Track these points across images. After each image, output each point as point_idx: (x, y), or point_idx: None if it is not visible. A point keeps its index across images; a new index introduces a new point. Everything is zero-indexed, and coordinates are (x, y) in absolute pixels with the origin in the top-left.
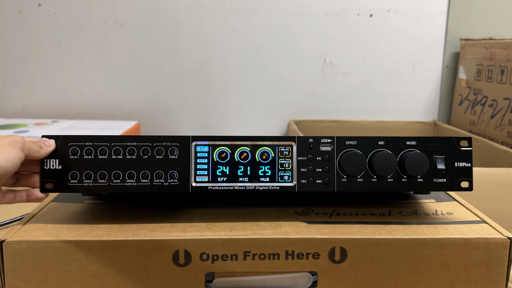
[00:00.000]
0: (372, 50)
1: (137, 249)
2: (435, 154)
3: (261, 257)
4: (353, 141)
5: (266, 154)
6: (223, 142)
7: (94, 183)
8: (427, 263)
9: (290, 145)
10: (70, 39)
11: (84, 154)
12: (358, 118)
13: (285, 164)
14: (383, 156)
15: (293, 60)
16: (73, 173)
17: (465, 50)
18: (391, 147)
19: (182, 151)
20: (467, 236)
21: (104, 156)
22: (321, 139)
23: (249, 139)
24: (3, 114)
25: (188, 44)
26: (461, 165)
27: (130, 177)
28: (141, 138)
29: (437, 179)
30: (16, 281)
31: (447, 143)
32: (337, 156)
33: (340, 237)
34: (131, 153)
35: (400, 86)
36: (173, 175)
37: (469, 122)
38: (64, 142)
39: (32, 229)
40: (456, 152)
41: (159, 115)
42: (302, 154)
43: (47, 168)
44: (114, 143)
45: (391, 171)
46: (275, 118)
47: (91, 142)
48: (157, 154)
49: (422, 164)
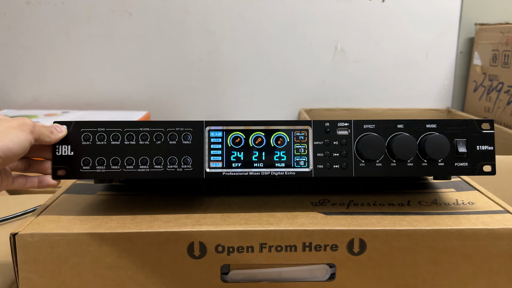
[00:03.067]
0: (384, 36)
1: (151, 241)
2: (456, 137)
3: (277, 249)
4: (371, 124)
5: (281, 139)
6: (237, 127)
7: (107, 169)
8: (448, 254)
9: (306, 129)
10: (79, 29)
11: (96, 140)
12: (370, 106)
13: (301, 149)
14: (403, 139)
15: (304, 48)
16: (86, 159)
17: (480, 35)
18: (410, 130)
19: (195, 136)
20: (491, 227)
21: (116, 142)
22: (338, 123)
23: (264, 124)
24: (13, 105)
25: (197, 32)
26: (483, 148)
27: (143, 163)
28: (154, 123)
29: (459, 163)
30: (30, 274)
31: (468, 126)
32: (354, 140)
33: (359, 229)
34: (144, 138)
35: (413, 72)
36: (187, 160)
37: (484, 109)
38: (76, 128)
39: (44, 222)
40: (477, 135)
41: (169, 105)
42: (319, 138)
43: (59, 155)
44: (126, 128)
45: (411, 155)
46: (285, 107)
47: (103, 128)
48: (170, 139)
49: (443, 147)
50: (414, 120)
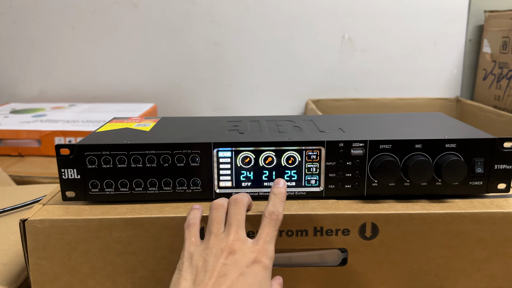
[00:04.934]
0: (392, 24)
1: (161, 227)
2: (474, 156)
3: (288, 233)
4: (387, 144)
5: (292, 158)
6: (246, 148)
7: (116, 191)
8: (462, 238)
9: (318, 149)
10: (84, 22)
11: (102, 164)
12: (378, 96)
13: (313, 169)
14: (419, 164)
15: (310, 37)
16: (93, 182)
17: (489, 23)
18: (428, 150)
19: (203, 158)
20: (506, 210)
21: (123, 165)
22: (353, 143)
23: (274, 145)
24: (21, 99)
25: (202, 23)
26: (501, 167)
27: (152, 185)
28: (161, 146)
29: (473, 182)
30: (40, 260)
31: (490, 145)
32: (369, 161)
33: (371, 213)
34: (151, 161)
35: (421, 61)
36: (196, 182)
37: (494, 97)
38: (79, 151)
39: (54, 208)
40: (498, 154)
41: (175, 97)
42: (332, 159)
43: (65, 178)
44: (132, 151)
45: (426, 179)
46: (292, 98)
47: (108, 151)
48: (178, 161)
49: (459, 172)
50: (433, 140)
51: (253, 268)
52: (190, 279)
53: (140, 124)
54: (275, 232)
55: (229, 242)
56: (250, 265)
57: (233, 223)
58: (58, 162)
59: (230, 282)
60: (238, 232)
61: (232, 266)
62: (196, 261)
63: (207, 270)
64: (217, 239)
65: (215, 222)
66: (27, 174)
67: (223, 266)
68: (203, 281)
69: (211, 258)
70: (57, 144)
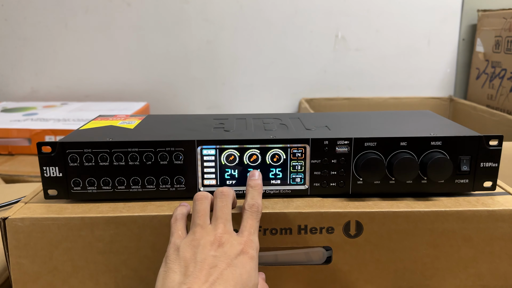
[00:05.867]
0: (385, 23)
1: (144, 225)
2: (460, 154)
3: (272, 232)
4: (372, 142)
5: (277, 156)
6: (231, 146)
7: (98, 189)
8: (448, 236)
9: (303, 147)
10: (77, 20)
11: (84, 161)
12: (372, 95)
13: (297, 166)
14: (404, 162)
15: (304, 36)
16: (75, 180)
17: (482, 22)
18: (413, 148)
19: (187, 155)
20: (491, 208)
21: (105, 163)
22: (338, 141)
23: (259, 142)
24: (12, 97)
25: (195, 22)
26: (487, 165)
27: (134, 183)
28: (143, 143)
29: (459, 180)
30: (21, 259)
31: (475, 142)
32: (354, 158)
33: (355, 211)
34: (133, 159)
35: (415, 60)
36: (180, 180)
37: (487, 97)
38: (61, 149)
39: (35, 207)
40: (483, 152)
41: (168, 95)
42: (316, 156)
43: (47, 176)
44: (114, 149)
45: (411, 177)
46: (286, 97)
47: (90, 148)
48: (161, 159)
49: (445, 170)
50: (418, 138)
51: (241, 259)
52: (179, 271)
53: (125, 122)
54: (257, 224)
55: (217, 235)
56: (238, 256)
57: (220, 216)
58: (40, 160)
59: (220, 272)
60: (226, 226)
61: (222, 258)
62: (183, 252)
63: (196, 261)
64: (204, 231)
65: (201, 214)
66: (17, 173)
67: (213, 258)
68: (193, 273)
69: (200, 250)
70: (38, 142)
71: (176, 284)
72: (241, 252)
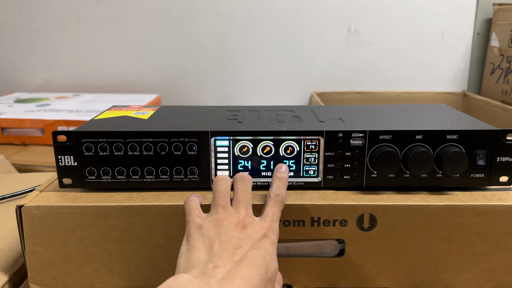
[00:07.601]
0: (399, 16)
1: (158, 215)
2: (476, 148)
3: (285, 223)
4: (388, 135)
5: (290, 148)
6: (244, 137)
7: (113, 179)
8: (462, 231)
9: (317, 139)
10: (89, 12)
11: (99, 151)
12: (384, 89)
13: (311, 159)
14: (419, 155)
15: (316, 29)
16: (90, 170)
17: (498, 16)
18: (428, 141)
19: (201, 146)
20: (507, 203)
21: (120, 153)
22: (352, 133)
23: (272, 134)
24: (25, 88)
25: (207, 13)
26: (504, 160)
27: (149, 173)
28: (158, 134)
29: (475, 174)
30: (36, 246)
31: (492, 136)
32: (368, 151)
33: (369, 204)
34: (147, 149)
35: (429, 54)
36: (193, 171)
37: (501, 92)
38: (76, 138)
39: (50, 195)
40: (500, 146)
41: (179, 88)
42: (330, 149)
43: (62, 165)
44: (129, 139)
45: (426, 170)
46: (297, 90)
47: (104, 138)
48: (175, 150)
49: (461, 164)
50: (434, 131)
51: (264, 243)
52: (204, 249)
53: (139, 113)
54: (280, 213)
55: (240, 218)
56: (261, 240)
57: (242, 199)
58: (55, 149)
59: (245, 253)
60: (247, 209)
61: (246, 239)
62: (207, 231)
63: (221, 241)
64: (226, 212)
65: (223, 194)
66: (30, 163)
67: (237, 239)
68: (218, 251)
69: (224, 230)
70: (54, 131)
71: (202, 262)
72: (263, 236)
